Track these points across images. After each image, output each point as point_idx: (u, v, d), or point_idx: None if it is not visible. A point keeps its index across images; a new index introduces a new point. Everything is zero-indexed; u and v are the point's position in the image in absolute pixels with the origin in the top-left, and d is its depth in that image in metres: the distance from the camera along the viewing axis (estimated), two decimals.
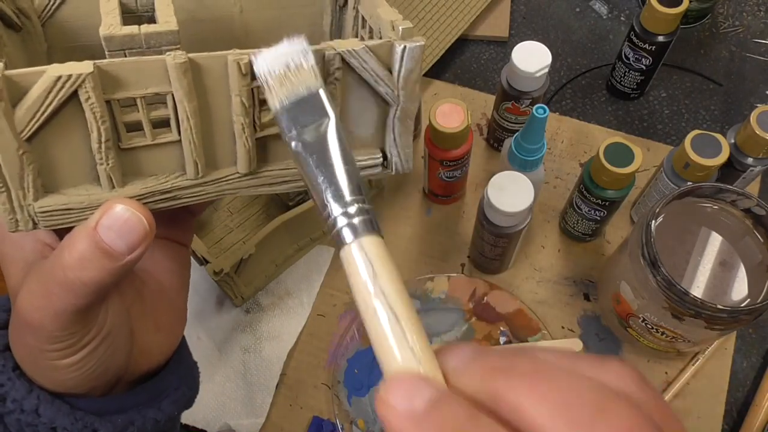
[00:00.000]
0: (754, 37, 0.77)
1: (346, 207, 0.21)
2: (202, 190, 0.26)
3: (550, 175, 0.68)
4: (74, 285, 0.23)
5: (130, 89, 0.23)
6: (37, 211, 0.24)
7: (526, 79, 0.58)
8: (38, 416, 0.26)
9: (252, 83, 0.24)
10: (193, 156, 0.25)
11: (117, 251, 0.23)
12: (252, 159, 0.26)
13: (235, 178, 0.27)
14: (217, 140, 0.26)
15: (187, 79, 0.23)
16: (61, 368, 0.26)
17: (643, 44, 0.64)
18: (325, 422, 0.58)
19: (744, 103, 0.72)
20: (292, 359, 0.61)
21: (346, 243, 0.21)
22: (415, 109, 0.28)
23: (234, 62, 0.23)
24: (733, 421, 0.58)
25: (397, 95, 0.27)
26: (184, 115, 0.24)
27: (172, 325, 0.32)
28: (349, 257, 0.21)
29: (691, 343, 0.52)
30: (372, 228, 0.21)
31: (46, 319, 0.24)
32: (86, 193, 0.25)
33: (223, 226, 0.66)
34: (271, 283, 0.64)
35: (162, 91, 0.24)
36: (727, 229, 0.51)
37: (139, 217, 0.24)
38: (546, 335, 0.59)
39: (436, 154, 0.58)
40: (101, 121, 0.23)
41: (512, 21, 0.79)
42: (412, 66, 0.26)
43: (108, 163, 0.24)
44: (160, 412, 0.30)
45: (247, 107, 0.25)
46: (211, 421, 0.58)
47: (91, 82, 0.22)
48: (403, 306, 0.20)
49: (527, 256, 0.65)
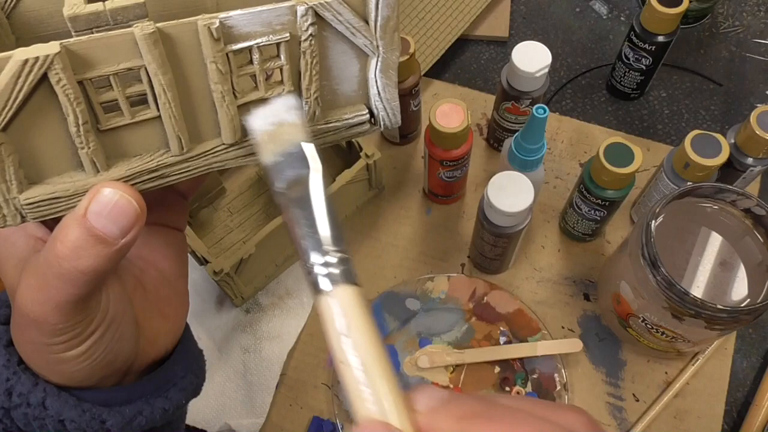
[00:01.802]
0: (754, 37, 0.77)
1: (325, 257, 0.22)
2: (189, 165, 0.26)
3: (550, 175, 0.68)
4: (71, 275, 0.23)
5: (101, 67, 0.23)
6: (23, 204, 0.24)
7: (526, 79, 0.58)
8: (45, 409, 0.26)
9: (226, 48, 0.24)
10: (176, 131, 0.25)
11: (110, 236, 0.23)
12: (236, 128, 0.25)
13: (221, 149, 0.26)
14: (199, 112, 0.25)
15: (159, 50, 0.23)
16: (69, 360, 0.26)
17: (643, 44, 0.64)
18: (325, 422, 0.58)
19: (744, 103, 0.72)
20: (292, 359, 0.61)
21: (323, 292, 0.22)
22: (397, 59, 0.27)
23: (204, 27, 0.23)
24: (733, 421, 0.58)
25: (376, 45, 0.26)
26: (160, 88, 0.23)
27: (175, 311, 0.32)
28: (325, 307, 0.22)
29: (691, 343, 0.52)
30: (348, 278, 0.22)
31: (48, 313, 0.24)
32: (71, 180, 0.24)
33: (223, 226, 0.66)
34: (271, 283, 0.64)
35: (134, 66, 0.23)
36: (727, 229, 0.51)
37: (128, 198, 0.23)
38: (546, 335, 0.59)
39: (436, 154, 0.58)
40: (76, 103, 0.22)
41: (512, 21, 0.79)
42: (388, 13, 0.25)
43: (89, 146, 0.23)
44: (168, 401, 0.30)
45: (224, 73, 0.24)
46: (211, 421, 0.58)
47: (60, 62, 0.21)
48: (374, 356, 0.21)
49: (527, 256, 0.65)
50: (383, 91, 0.28)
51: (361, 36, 0.26)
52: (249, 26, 0.24)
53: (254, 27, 0.24)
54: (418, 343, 0.60)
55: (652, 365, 0.59)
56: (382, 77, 0.27)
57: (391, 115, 0.28)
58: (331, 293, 0.22)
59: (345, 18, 0.25)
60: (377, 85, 0.27)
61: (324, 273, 0.22)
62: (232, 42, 0.24)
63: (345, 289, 0.22)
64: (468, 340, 0.60)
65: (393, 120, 0.28)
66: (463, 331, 0.61)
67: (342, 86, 0.27)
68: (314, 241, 0.23)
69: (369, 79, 0.27)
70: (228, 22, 0.23)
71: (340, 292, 0.22)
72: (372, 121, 0.28)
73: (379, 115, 0.28)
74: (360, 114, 0.28)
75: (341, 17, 0.25)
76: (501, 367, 0.59)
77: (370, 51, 0.26)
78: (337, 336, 0.21)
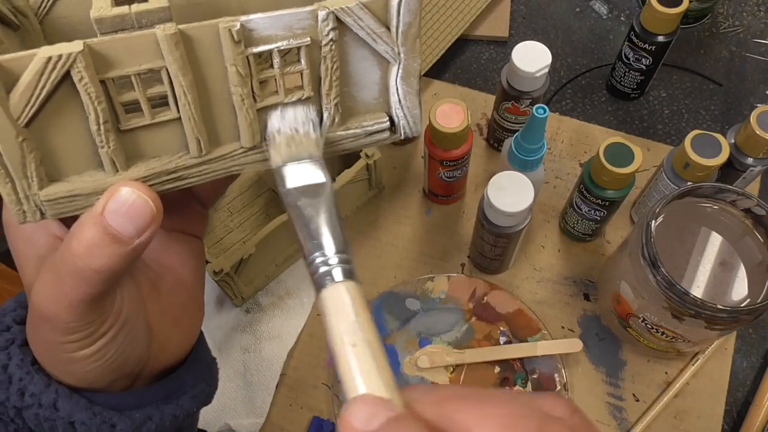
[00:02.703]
0: (754, 37, 0.77)
1: (327, 258, 0.23)
2: (207, 168, 0.26)
3: (550, 175, 0.68)
4: (86, 273, 0.23)
5: (123, 67, 0.23)
6: (43, 200, 0.24)
7: (526, 79, 0.58)
8: (56, 410, 0.26)
9: (246, 50, 0.24)
10: (195, 133, 0.25)
11: (126, 235, 0.23)
12: (255, 132, 0.26)
13: (239, 153, 0.26)
14: (218, 115, 0.25)
15: (179, 51, 0.23)
16: (80, 360, 0.26)
17: (643, 44, 0.64)
18: (325, 422, 0.58)
19: (744, 103, 0.72)
20: (292, 359, 0.61)
21: (328, 285, 0.23)
22: (419, 66, 0.27)
23: (225, 30, 0.23)
24: (733, 421, 0.58)
25: (398, 52, 0.26)
26: (180, 90, 0.24)
27: (190, 320, 0.32)
28: (333, 295, 0.22)
29: (691, 343, 0.52)
30: (352, 276, 0.23)
31: (61, 311, 0.24)
32: (90, 178, 0.24)
33: (223, 226, 0.66)
34: (271, 283, 0.64)
35: (155, 67, 0.23)
36: (727, 229, 0.51)
37: (145, 199, 0.23)
38: (546, 335, 0.59)
39: (436, 154, 0.58)
40: (97, 102, 0.23)
41: (512, 21, 0.79)
42: (410, 20, 0.25)
43: (109, 145, 0.24)
44: (179, 408, 0.30)
45: (244, 76, 0.24)
46: (211, 421, 0.58)
47: (83, 61, 0.22)
48: (376, 342, 0.22)
49: (527, 256, 0.65)
50: (404, 98, 0.27)
51: (383, 42, 0.26)
52: (270, 30, 0.24)
53: (275, 30, 0.24)
54: (418, 343, 0.60)
55: (652, 365, 0.59)
56: (404, 85, 0.27)
57: (411, 123, 0.28)
58: (336, 285, 0.22)
59: (366, 23, 0.25)
60: (398, 93, 0.27)
61: (326, 270, 0.23)
62: (253, 45, 0.24)
63: (349, 284, 0.23)
64: (468, 340, 0.60)
65: (414, 129, 0.28)
66: (463, 331, 0.61)
67: (362, 93, 0.27)
68: (317, 245, 0.23)
69: (390, 87, 0.27)
70: (249, 25, 0.23)
71: (346, 285, 0.22)
72: (392, 129, 0.28)
73: (400, 123, 0.28)
74: (380, 122, 0.28)
75: (362, 23, 0.25)
76: (501, 367, 0.59)
77: (392, 58, 0.26)
78: (344, 320, 0.22)
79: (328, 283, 0.22)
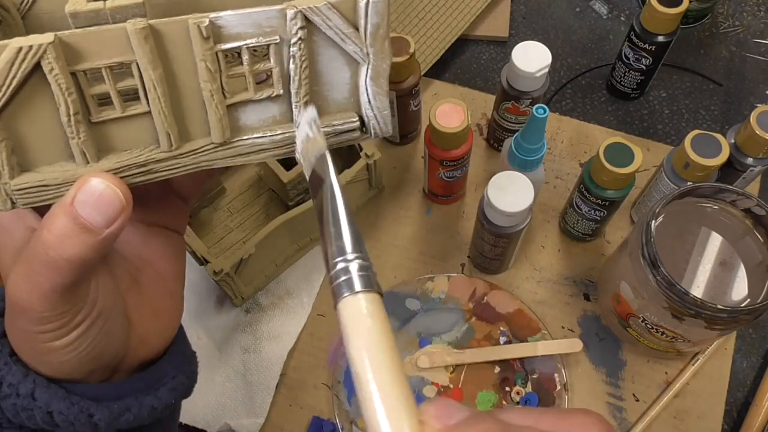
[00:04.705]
0: (754, 37, 0.77)
1: (347, 262, 0.22)
2: (177, 162, 0.26)
3: (550, 175, 0.68)
4: (57, 263, 0.23)
5: (94, 59, 0.23)
6: (14, 189, 0.24)
7: (526, 79, 0.58)
8: (34, 400, 0.26)
9: (215, 47, 0.24)
10: (165, 127, 0.25)
11: (95, 225, 0.23)
12: (225, 127, 0.26)
13: (210, 148, 0.27)
14: (188, 110, 0.26)
15: (149, 45, 0.23)
16: (56, 350, 0.26)
17: (643, 44, 0.64)
18: (325, 422, 0.58)
19: (744, 103, 0.72)
20: (292, 359, 0.61)
21: (345, 296, 0.22)
22: (388, 67, 0.27)
23: (194, 26, 0.23)
24: (733, 421, 0.58)
25: (366, 53, 0.26)
26: (150, 83, 0.24)
27: (170, 313, 0.32)
28: (349, 309, 0.21)
29: (691, 343, 0.52)
30: (371, 285, 0.22)
31: (35, 301, 0.24)
32: (61, 169, 0.25)
33: (223, 226, 0.66)
34: (271, 283, 0.64)
35: (126, 60, 0.24)
36: (727, 229, 0.51)
37: (114, 189, 0.24)
38: (546, 335, 0.59)
39: (436, 154, 0.58)
40: (68, 93, 0.23)
41: (512, 21, 0.79)
42: (378, 21, 0.25)
43: (80, 137, 0.24)
44: (157, 400, 0.30)
45: (213, 72, 0.25)
46: (211, 421, 0.58)
47: (53, 52, 0.22)
48: (393, 366, 0.20)
49: (527, 256, 0.65)
50: (374, 99, 0.28)
51: (351, 43, 0.26)
52: (239, 27, 0.24)
53: (244, 28, 0.24)
54: (418, 343, 0.60)
55: (652, 365, 0.59)
56: (373, 85, 0.27)
57: (381, 123, 0.28)
58: (354, 296, 0.22)
59: (334, 23, 0.25)
60: (368, 93, 0.28)
61: (345, 278, 0.22)
62: (222, 41, 0.24)
63: (368, 296, 0.22)
64: (468, 340, 0.60)
65: (384, 128, 0.29)
66: (463, 331, 0.61)
67: (333, 93, 0.28)
68: (339, 248, 0.23)
69: (360, 87, 0.28)
70: (218, 21, 0.24)
71: (364, 298, 0.22)
72: (363, 129, 0.29)
73: (370, 123, 0.28)
74: (350, 121, 0.28)
75: (330, 23, 0.25)
76: (501, 367, 0.59)
77: (361, 58, 0.26)
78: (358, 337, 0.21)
79: (342, 296, 0.22)
